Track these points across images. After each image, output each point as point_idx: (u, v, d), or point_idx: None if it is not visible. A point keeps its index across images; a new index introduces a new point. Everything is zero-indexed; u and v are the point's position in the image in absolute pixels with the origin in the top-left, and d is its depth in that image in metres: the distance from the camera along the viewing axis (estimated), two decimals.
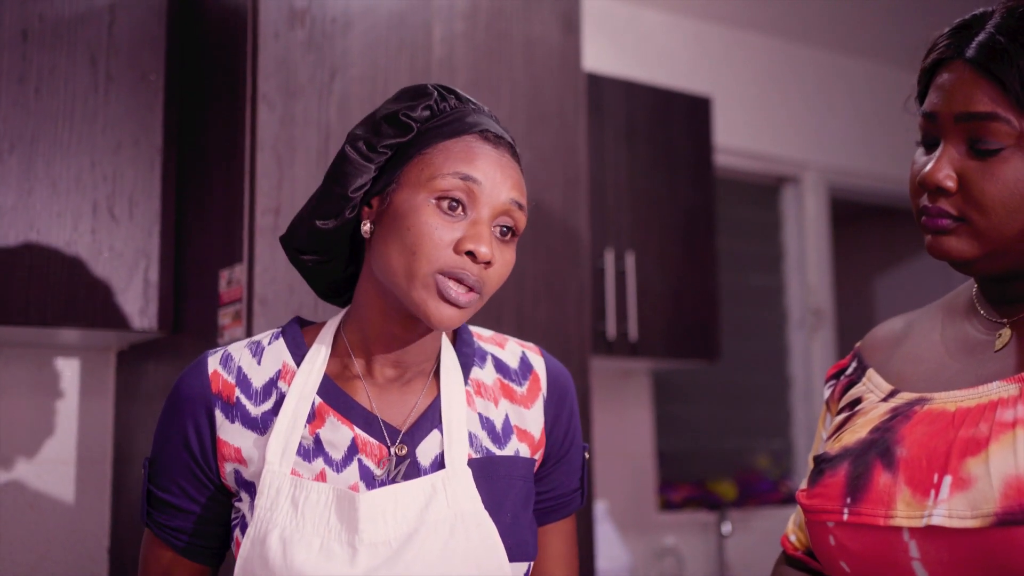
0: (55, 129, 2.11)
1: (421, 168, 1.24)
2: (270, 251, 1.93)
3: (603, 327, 3.07)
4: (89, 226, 2.12)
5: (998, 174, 1.12)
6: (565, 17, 2.37)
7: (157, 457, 1.32)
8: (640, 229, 3.22)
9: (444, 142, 1.26)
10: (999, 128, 1.11)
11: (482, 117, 1.30)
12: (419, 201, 1.23)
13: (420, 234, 1.21)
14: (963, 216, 1.14)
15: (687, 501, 3.80)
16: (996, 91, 1.12)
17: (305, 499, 1.23)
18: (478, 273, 1.22)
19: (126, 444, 2.33)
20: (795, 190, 4.29)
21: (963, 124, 1.14)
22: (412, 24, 2.15)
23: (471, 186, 1.23)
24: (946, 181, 1.14)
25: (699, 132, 3.42)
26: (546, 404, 1.39)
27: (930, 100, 1.19)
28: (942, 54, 1.18)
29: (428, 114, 1.28)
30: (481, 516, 1.25)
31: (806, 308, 4.23)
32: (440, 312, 1.22)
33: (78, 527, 2.35)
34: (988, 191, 1.12)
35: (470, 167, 1.24)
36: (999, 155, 1.12)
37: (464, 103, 1.31)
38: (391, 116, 1.27)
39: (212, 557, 1.34)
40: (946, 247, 1.17)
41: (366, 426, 1.28)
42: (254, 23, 1.99)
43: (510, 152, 1.29)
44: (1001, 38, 1.12)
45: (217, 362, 1.31)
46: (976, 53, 1.14)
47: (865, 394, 1.29)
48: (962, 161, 1.14)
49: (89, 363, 2.40)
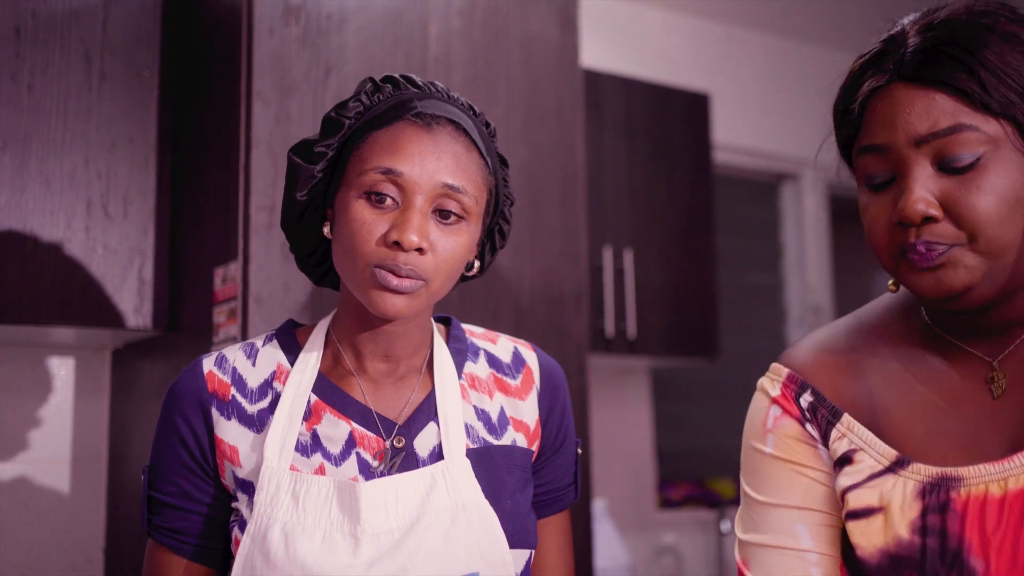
0: (48, 127, 2.09)
1: (353, 165, 1.25)
2: (265, 248, 1.92)
3: (601, 325, 3.06)
4: (83, 224, 2.10)
5: (984, 185, 1.03)
6: (563, 14, 2.35)
7: (156, 462, 1.32)
8: (639, 226, 3.21)
9: (374, 133, 1.25)
10: (968, 138, 1.03)
11: (423, 100, 1.27)
12: (351, 199, 1.23)
13: (351, 232, 1.22)
14: (955, 242, 1.04)
15: (686, 499, 3.79)
16: (953, 100, 1.03)
17: (306, 492, 1.23)
18: (413, 261, 1.21)
19: (122, 443, 2.32)
20: (794, 187, 4.28)
21: (926, 146, 1.04)
22: (408, 21, 2.14)
23: (394, 178, 1.21)
24: (930, 210, 1.03)
25: (698, 129, 3.41)
26: (540, 397, 1.39)
27: (873, 134, 1.09)
28: (875, 83, 1.09)
29: (360, 108, 1.27)
30: (482, 505, 1.25)
31: (805, 306, 4.22)
32: (384, 301, 1.22)
33: (73, 527, 2.34)
34: (979, 206, 1.02)
35: (393, 158, 1.22)
36: (978, 165, 1.03)
37: (402, 88, 1.28)
38: (326, 117, 1.28)
39: (215, 559, 1.33)
40: (947, 282, 1.05)
41: (363, 420, 1.29)
42: (249, 19, 1.97)
43: (452, 132, 1.26)
44: (941, 46, 1.05)
45: (212, 363, 1.32)
46: (916, 68, 1.06)
47: (857, 454, 1.14)
48: (937, 183, 1.04)
49: (84, 362, 2.39)
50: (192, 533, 1.30)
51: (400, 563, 1.19)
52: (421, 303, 1.25)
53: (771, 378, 1.23)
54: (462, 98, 1.32)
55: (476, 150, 1.28)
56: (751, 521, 1.20)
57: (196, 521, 1.30)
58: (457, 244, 1.25)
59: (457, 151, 1.25)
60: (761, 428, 1.20)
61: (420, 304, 1.25)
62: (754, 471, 1.21)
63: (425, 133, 1.24)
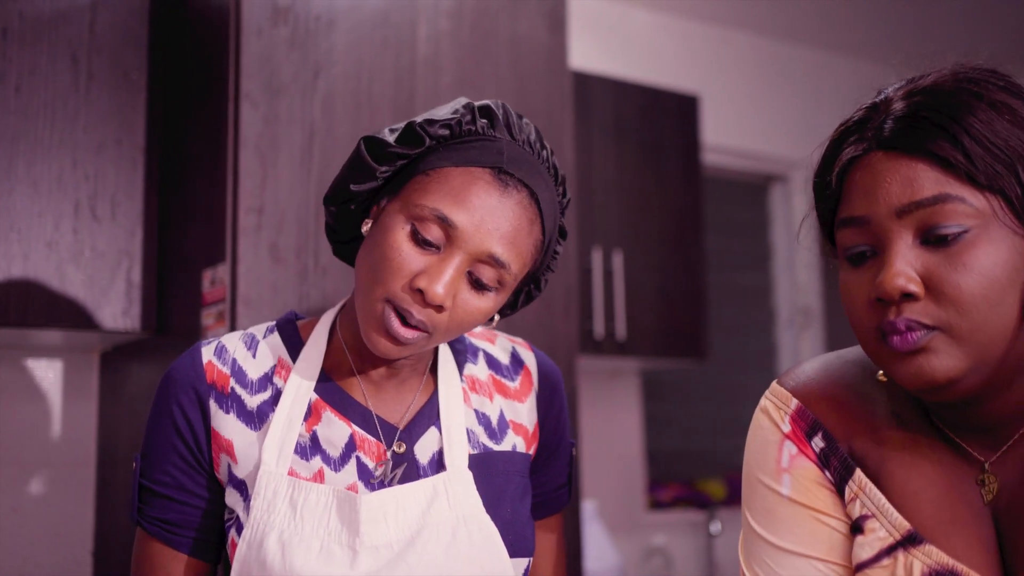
0: (36, 128, 2.08)
1: (415, 188, 1.19)
2: (253, 251, 1.91)
3: (591, 326, 3.06)
4: (71, 226, 2.09)
5: (969, 262, 0.94)
6: (551, 15, 2.35)
7: (148, 449, 1.28)
8: (628, 228, 3.22)
9: (449, 168, 1.19)
10: (954, 209, 0.95)
11: (513, 153, 1.20)
12: (397, 221, 1.19)
13: (383, 256, 1.17)
14: (937, 324, 0.95)
15: (676, 500, 3.79)
16: (937, 170, 0.95)
17: (304, 500, 1.21)
18: (426, 315, 1.17)
19: (110, 446, 2.31)
20: (783, 188, 4.28)
21: (908, 216, 0.96)
22: (397, 22, 2.13)
23: (447, 228, 1.16)
24: (910, 285, 0.95)
25: (687, 130, 3.42)
26: (538, 398, 1.38)
27: (853, 205, 1.01)
28: (854, 151, 1.02)
29: (447, 133, 1.20)
30: (483, 519, 1.24)
31: (795, 307, 4.23)
32: (378, 343, 1.19)
33: (62, 530, 2.33)
34: (964, 285, 0.94)
35: (455, 207, 1.16)
36: (963, 240, 0.94)
37: (497, 129, 1.22)
38: (410, 125, 1.21)
39: (208, 551, 1.29)
40: (929, 370, 0.96)
41: (363, 423, 1.27)
42: (237, 21, 1.97)
43: (524, 201, 1.20)
44: (925, 114, 0.98)
45: (211, 352, 1.28)
46: (897, 136, 0.98)
47: (869, 521, 1.06)
48: (920, 257, 0.96)
49: (72, 365, 2.38)
50: (185, 525, 1.27)
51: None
52: (416, 351, 1.22)
53: (777, 406, 1.13)
54: (550, 154, 1.26)
55: (540, 225, 1.23)
56: (764, 564, 1.10)
57: (189, 513, 1.27)
58: (479, 310, 1.20)
59: (520, 223, 1.19)
60: (775, 465, 1.11)
61: (415, 351, 1.22)
62: (767, 512, 1.11)
63: (497, 193, 1.18)
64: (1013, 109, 0.97)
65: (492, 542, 1.23)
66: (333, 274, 1.96)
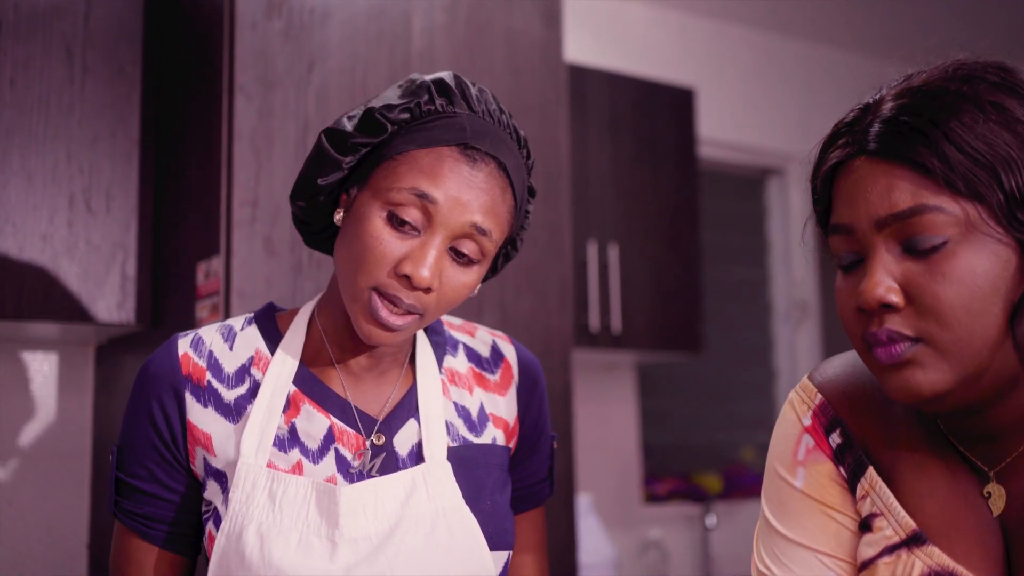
0: (30, 121, 2.09)
1: (385, 174, 1.19)
2: (248, 243, 1.91)
3: (586, 320, 3.06)
4: (65, 219, 2.10)
5: (949, 272, 0.92)
6: (546, 9, 2.35)
7: (125, 442, 1.28)
8: (623, 221, 3.22)
9: (415, 151, 1.19)
10: (932, 220, 0.92)
11: (475, 127, 1.21)
12: (373, 209, 1.18)
13: (364, 246, 1.17)
14: (920, 335, 0.93)
15: (672, 494, 3.80)
16: (917, 178, 0.93)
17: (283, 493, 1.20)
18: (415, 298, 1.17)
19: (105, 439, 2.31)
20: (779, 182, 4.29)
21: (887, 228, 0.95)
22: (391, 16, 2.13)
23: (426, 205, 1.16)
24: (889, 296, 0.94)
25: (683, 124, 3.42)
26: (519, 391, 1.38)
27: (839, 213, 0.99)
28: (840, 156, 0.99)
29: (407, 117, 1.20)
30: (463, 511, 1.23)
31: (791, 301, 4.23)
32: (370, 333, 1.19)
33: (57, 523, 2.34)
34: (943, 295, 0.92)
35: (430, 183, 1.16)
36: (943, 250, 0.92)
37: (456, 104, 1.22)
38: (368, 112, 1.21)
39: (186, 546, 1.29)
40: (914, 384, 0.94)
41: (342, 415, 1.26)
42: (231, 14, 1.97)
43: (494, 171, 1.20)
44: (905, 118, 0.95)
45: (188, 344, 1.27)
46: (881, 143, 0.95)
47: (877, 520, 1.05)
48: (901, 267, 0.94)
49: (67, 358, 2.38)
50: (162, 520, 1.26)
51: (378, 569, 1.17)
52: (408, 335, 1.22)
53: (802, 398, 1.13)
54: (509, 118, 1.26)
55: (511, 191, 1.23)
56: (772, 554, 1.11)
57: (166, 508, 1.26)
58: (465, 283, 1.21)
59: (494, 192, 1.20)
60: (791, 458, 1.11)
61: (407, 335, 1.22)
62: (780, 502, 1.11)
63: (467, 166, 1.18)
64: (1004, 109, 0.93)
65: (471, 534, 1.23)
66: (327, 267, 1.97)
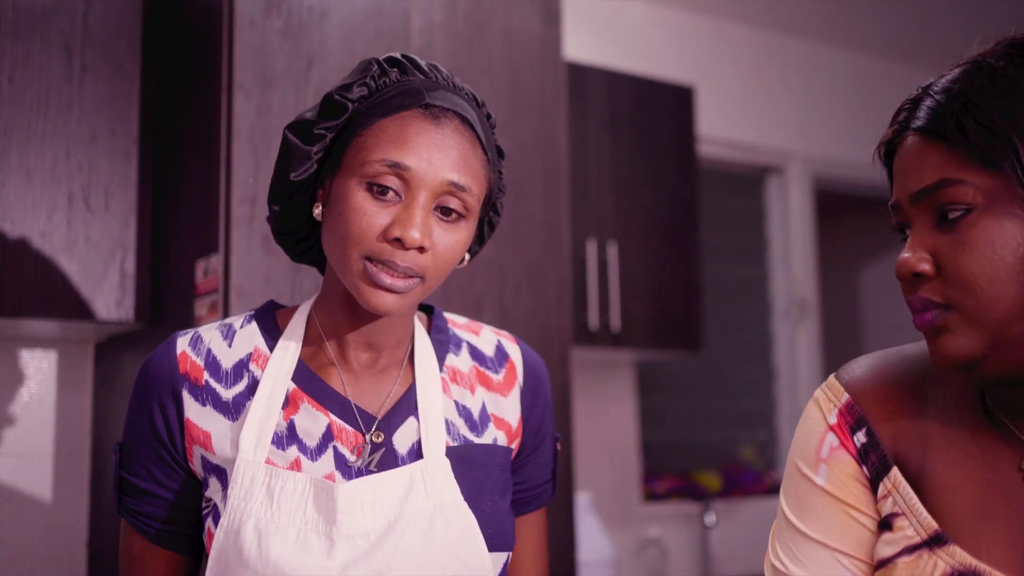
0: (29, 119, 2.09)
1: (355, 152, 1.21)
2: (246, 241, 1.91)
3: (585, 318, 3.06)
4: (64, 217, 2.10)
5: (970, 241, 0.97)
6: (545, 6, 2.35)
7: (127, 441, 1.29)
8: (623, 219, 3.22)
9: (379, 121, 1.21)
10: (956, 192, 0.98)
11: (431, 89, 1.23)
12: (351, 187, 1.20)
13: (348, 221, 1.18)
14: (949, 302, 0.99)
15: (671, 492, 3.80)
16: (945, 152, 0.99)
17: (281, 489, 1.20)
18: (411, 260, 1.18)
19: (104, 437, 2.31)
20: (779, 180, 4.28)
21: (921, 202, 1.01)
22: (390, 13, 2.13)
23: (401, 172, 1.18)
24: (920, 264, 1.00)
25: (682, 122, 3.42)
26: (523, 393, 1.37)
27: (893, 190, 1.07)
28: (890, 134, 1.07)
29: (365, 92, 1.23)
30: (461, 508, 1.23)
31: (791, 299, 4.23)
32: (375, 299, 1.19)
33: (56, 521, 2.34)
34: (964, 264, 0.97)
35: (400, 151, 1.18)
36: (965, 220, 0.98)
37: (409, 74, 1.25)
38: (327, 97, 1.23)
39: (187, 544, 1.30)
40: (946, 350, 0.99)
41: (341, 413, 1.26)
42: (230, 11, 1.97)
43: (459, 126, 1.23)
44: (939, 97, 1.02)
45: (186, 343, 1.28)
46: (922, 121, 1.02)
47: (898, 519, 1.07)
48: (933, 238, 1.00)
49: (67, 355, 2.38)
50: (158, 517, 1.27)
51: (376, 566, 1.17)
52: (414, 299, 1.23)
53: (828, 397, 1.15)
54: (466, 87, 1.29)
55: (480, 145, 1.25)
56: (788, 550, 1.13)
57: (163, 505, 1.27)
58: (456, 241, 1.22)
59: (464, 147, 1.22)
60: (814, 455, 1.12)
61: (413, 300, 1.22)
62: (799, 498, 1.13)
63: (433, 127, 1.20)
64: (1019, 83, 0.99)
65: (470, 531, 1.22)
66: None
